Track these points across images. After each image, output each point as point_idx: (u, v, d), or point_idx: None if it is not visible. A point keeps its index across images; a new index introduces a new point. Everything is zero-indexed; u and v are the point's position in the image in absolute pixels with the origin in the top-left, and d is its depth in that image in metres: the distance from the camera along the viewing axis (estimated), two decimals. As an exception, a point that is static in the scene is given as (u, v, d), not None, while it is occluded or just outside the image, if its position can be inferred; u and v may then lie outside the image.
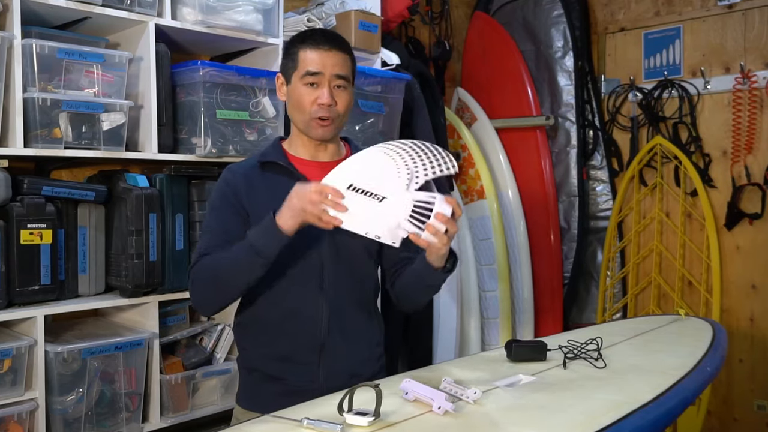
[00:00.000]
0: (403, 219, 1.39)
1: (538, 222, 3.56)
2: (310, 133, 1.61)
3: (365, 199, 1.41)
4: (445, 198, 1.39)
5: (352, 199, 1.41)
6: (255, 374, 1.64)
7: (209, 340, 2.38)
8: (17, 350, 1.87)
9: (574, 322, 3.65)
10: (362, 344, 1.66)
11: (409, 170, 1.41)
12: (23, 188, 1.94)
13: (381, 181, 1.41)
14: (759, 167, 3.19)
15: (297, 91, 1.59)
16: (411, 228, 1.39)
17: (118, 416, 2.06)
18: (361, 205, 1.41)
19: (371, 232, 1.41)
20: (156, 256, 2.11)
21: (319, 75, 1.56)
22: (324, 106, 1.57)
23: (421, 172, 1.41)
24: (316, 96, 1.57)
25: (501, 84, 3.66)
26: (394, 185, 1.41)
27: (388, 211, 1.40)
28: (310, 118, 1.58)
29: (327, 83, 1.57)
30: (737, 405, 3.31)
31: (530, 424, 1.28)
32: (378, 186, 1.41)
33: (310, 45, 1.58)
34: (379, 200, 1.40)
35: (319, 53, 1.57)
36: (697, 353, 1.78)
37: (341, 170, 1.46)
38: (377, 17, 2.71)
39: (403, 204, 1.39)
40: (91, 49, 2.03)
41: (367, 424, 1.22)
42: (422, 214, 1.39)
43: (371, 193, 1.41)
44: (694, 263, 3.41)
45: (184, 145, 2.23)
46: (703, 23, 3.38)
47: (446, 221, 1.38)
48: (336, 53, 1.58)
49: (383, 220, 1.40)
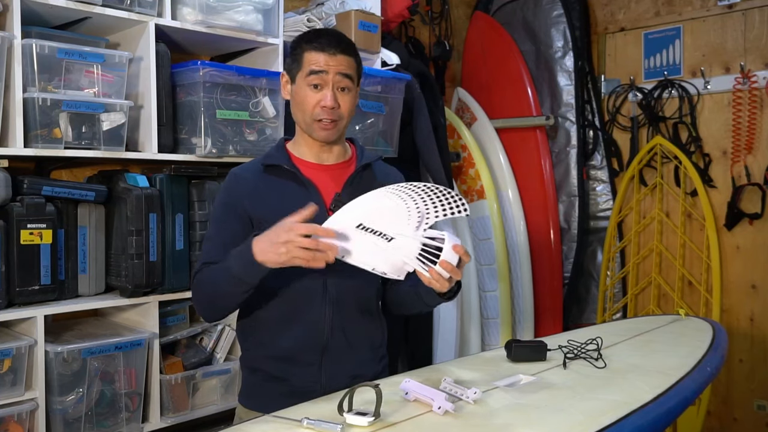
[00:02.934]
0: (411, 258, 1.41)
1: (538, 222, 3.56)
2: (313, 135, 1.60)
3: (374, 238, 1.42)
4: (454, 245, 1.39)
5: (360, 238, 1.42)
6: (257, 374, 1.64)
7: (209, 340, 2.38)
8: (17, 350, 1.87)
9: (574, 322, 3.65)
10: (365, 345, 1.66)
11: (420, 213, 1.42)
12: (23, 188, 1.94)
13: (391, 222, 1.42)
14: (759, 167, 3.20)
15: (301, 92, 1.58)
16: (418, 267, 1.41)
17: (118, 416, 2.06)
18: (369, 243, 1.42)
19: (378, 268, 1.44)
20: (156, 256, 2.11)
21: (323, 74, 1.55)
22: (327, 109, 1.56)
23: (432, 214, 1.42)
24: (320, 98, 1.56)
25: (501, 84, 3.66)
26: (404, 227, 1.42)
27: (396, 251, 1.41)
28: (312, 120, 1.58)
29: (331, 84, 1.56)
30: (737, 405, 3.31)
31: (530, 424, 1.28)
32: (388, 226, 1.42)
33: (316, 46, 1.57)
34: (388, 240, 1.42)
35: (324, 54, 1.56)
36: (697, 353, 1.78)
37: (352, 209, 1.45)
38: (377, 17, 2.71)
39: (411, 245, 1.41)
40: (91, 49, 2.03)
41: (367, 424, 1.22)
42: (430, 254, 1.40)
43: (380, 233, 1.42)
44: (694, 263, 3.41)
45: (184, 145, 2.23)
46: (703, 23, 3.38)
47: (451, 269, 1.39)
48: (342, 56, 1.57)
49: (391, 258, 1.42)
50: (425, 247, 1.40)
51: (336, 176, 1.63)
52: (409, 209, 1.42)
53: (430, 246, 1.40)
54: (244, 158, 2.27)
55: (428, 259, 1.40)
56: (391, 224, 1.42)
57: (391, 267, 1.43)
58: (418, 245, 1.40)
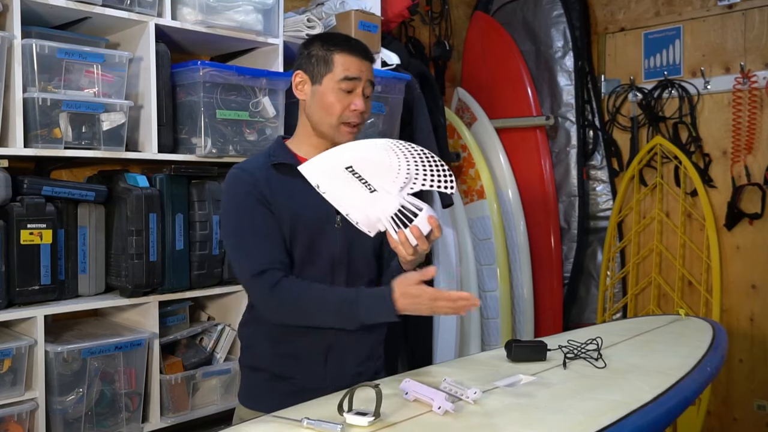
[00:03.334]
0: (385, 216, 1.42)
1: (538, 222, 3.56)
2: (337, 137, 1.60)
3: (358, 184, 1.43)
4: (429, 216, 1.41)
5: (345, 180, 1.44)
6: (261, 374, 1.64)
7: (209, 340, 2.38)
8: (17, 350, 1.87)
9: (574, 322, 3.65)
10: (367, 343, 1.66)
11: (408, 174, 1.43)
12: (23, 188, 1.94)
13: (378, 175, 1.43)
14: (759, 167, 3.19)
15: (329, 95, 1.59)
16: (389, 226, 1.43)
17: (118, 416, 2.06)
18: (351, 188, 1.44)
19: (352, 216, 1.45)
20: (156, 256, 2.11)
21: (356, 81, 1.58)
22: (357, 113, 1.59)
23: (420, 180, 1.43)
24: (350, 102, 1.58)
25: (501, 84, 3.66)
26: (389, 183, 1.43)
27: (374, 204, 1.43)
28: (339, 123, 1.59)
29: (362, 90, 1.59)
30: (737, 405, 3.31)
31: (530, 424, 1.28)
32: (374, 178, 1.43)
33: (348, 50, 1.59)
34: (371, 191, 1.43)
35: (356, 60, 1.59)
36: (697, 353, 1.78)
37: (345, 150, 1.47)
38: (377, 17, 2.71)
39: (390, 203, 1.42)
40: (91, 49, 2.03)
41: (367, 424, 1.22)
42: (404, 219, 1.42)
43: (365, 181, 1.43)
44: (694, 263, 3.41)
45: (184, 145, 2.23)
46: (703, 23, 3.38)
47: (419, 237, 1.41)
48: (368, 63, 1.62)
49: (367, 209, 1.44)
50: (402, 209, 1.42)
51: None
52: (399, 168, 1.43)
53: (407, 209, 1.42)
54: (244, 158, 2.27)
55: (402, 222, 1.42)
56: (378, 177, 1.43)
57: (364, 218, 1.45)
58: (397, 205, 1.42)
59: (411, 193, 1.43)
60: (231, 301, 2.42)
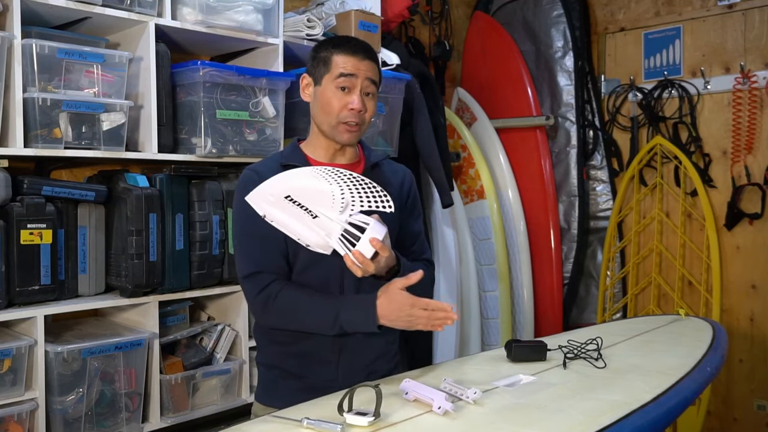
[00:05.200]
0: (332, 239, 1.46)
1: (538, 222, 3.56)
2: (336, 137, 1.61)
3: (299, 211, 1.47)
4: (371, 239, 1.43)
5: (287, 207, 1.47)
6: (275, 371, 1.65)
7: (209, 340, 2.38)
8: (17, 350, 1.87)
9: (574, 322, 3.65)
10: (380, 341, 1.66)
11: (344, 200, 1.46)
12: (23, 188, 1.94)
13: (316, 201, 1.46)
14: (759, 167, 3.20)
15: (327, 94, 1.59)
16: (338, 248, 1.46)
17: (118, 416, 2.06)
18: (295, 215, 1.47)
19: (303, 240, 1.49)
20: (156, 256, 2.11)
21: (353, 77, 1.58)
22: (354, 112, 1.58)
23: (357, 204, 1.46)
24: (348, 101, 1.58)
25: (501, 84, 3.66)
26: (327, 209, 1.46)
27: (319, 228, 1.46)
28: (338, 122, 1.59)
29: (359, 88, 1.58)
30: (737, 405, 3.31)
31: (530, 424, 1.28)
32: (313, 204, 1.46)
33: (345, 50, 1.60)
34: (313, 217, 1.46)
35: (354, 59, 1.59)
36: (697, 353, 1.78)
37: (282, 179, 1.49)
38: (377, 17, 2.71)
39: (333, 227, 1.45)
40: (91, 49, 2.03)
41: (367, 424, 1.22)
42: (353, 236, 1.45)
43: (306, 207, 1.47)
44: (694, 263, 3.41)
45: (184, 145, 2.23)
46: (703, 23, 3.38)
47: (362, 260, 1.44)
48: (369, 62, 1.61)
49: (314, 234, 1.47)
50: (348, 230, 1.45)
51: None
52: (333, 195, 1.46)
53: (352, 233, 1.44)
54: (244, 158, 2.27)
55: (350, 242, 1.44)
56: (316, 203, 1.46)
57: (315, 241, 1.49)
58: (339, 228, 1.45)
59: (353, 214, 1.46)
60: (231, 301, 2.42)
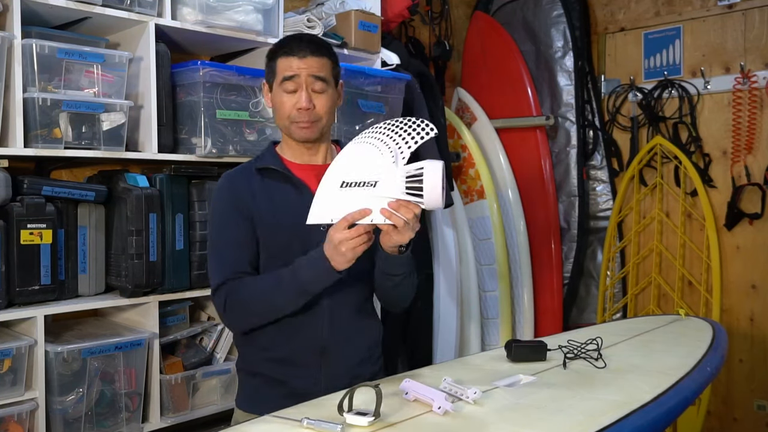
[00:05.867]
0: (401, 194, 1.40)
1: (538, 222, 3.55)
2: (293, 136, 1.63)
3: (360, 190, 1.43)
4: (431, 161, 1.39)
5: (348, 195, 1.43)
6: (256, 378, 1.64)
7: (209, 340, 2.38)
8: (17, 350, 1.87)
9: (574, 322, 3.65)
10: (362, 345, 1.66)
11: (391, 149, 1.42)
12: (23, 188, 1.94)
13: (368, 168, 1.43)
14: (759, 167, 3.19)
15: (277, 98, 1.61)
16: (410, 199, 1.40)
17: (118, 416, 2.06)
18: (357, 196, 1.43)
19: (375, 219, 1.42)
20: (156, 256, 2.11)
21: (295, 78, 1.58)
22: (302, 111, 1.58)
23: (404, 146, 1.42)
24: (294, 101, 1.58)
25: (501, 84, 3.66)
26: (381, 167, 1.42)
27: (384, 192, 1.41)
28: (290, 122, 1.60)
29: (304, 86, 1.58)
30: (737, 405, 3.31)
31: (530, 424, 1.28)
32: (367, 174, 1.43)
33: (286, 51, 1.60)
34: (373, 186, 1.42)
35: (295, 59, 1.58)
36: (697, 353, 1.78)
37: (329, 173, 1.48)
38: (377, 17, 2.71)
39: (395, 180, 1.41)
40: (91, 49, 2.03)
41: (367, 424, 1.22)
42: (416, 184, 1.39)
43: (363, 182, 1.43)
44: (694, 263, 3.41)
45: (184, 145, 2.23)
46: (703, 23, 3.38)
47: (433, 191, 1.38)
48: (312, 58, 1.59)
49: (382, 204, 1.41)
50: (409, 178, 1.40)
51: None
52: (379, 149, 1.43)
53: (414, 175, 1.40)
54: (244, 158, 2.27)
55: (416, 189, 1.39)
56: (370, 170, 1.43)
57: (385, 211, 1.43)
58: (402, 178, 1.40)
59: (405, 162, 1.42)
60: (231, 301, 2.41)
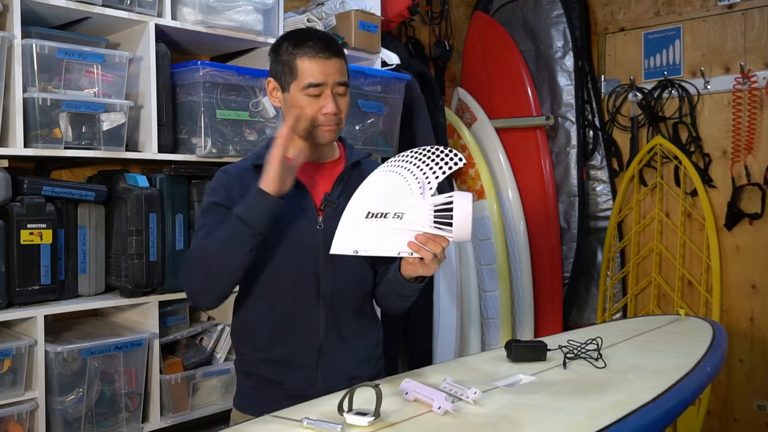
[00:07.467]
0: (428, 227, 1.38)
1: (538, 222, 3.55)
2: (317, 139, 1.58)
3: (386, 222, 1.40)
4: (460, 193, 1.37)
5: (374, 226, 1.40)
6: (253, 378, 1.64)
7: (209, 340, 2.38)
8: (17, 350, 1.87)
9: (574, 322, 3.65)
10: (360, 347, 1.65)
11: (418, 179, 1.39)
12: (23, 188, 1.94)
13: (395, 199, 1.40)
14: (759, 167, 3.19)
15: (298, 101, 1.55)
16: (438, 232, 1.38)
17: (118, 416, 2.06)
18: (384, 228, 1.40)
19: (403, 251, 1.40)
20: (156, 256, 2.11)
21: (322, 86, 1.54)
22: (329, 116, 1.55)
23: (431, 176, 1.39)
24: (320, 105, 1.54)
25: (501, 84, 3.66)
26: (408, 198, 1.39)
27: (411, 225, 1.39)
28: (314, 126, 1.56)
29: (330, 93, 1.54)
30: (737, 405, 3.31)
31: (530, 424, 1.28)
32: (394, 204, 1.40)
33: (308, 54, 1.54)
34: (400, 218, 1.39)
35: (319, 63, 1.53)
36: (697, 353, 1.78)
37: (354, 203, 1.44)
38: (377, 17, 2.71)
39: (423, 212, 1.38)
40: (91, 49, 2.03)
41: (367, 424, 1.22)
42: (445, 217, 1.37)
43: (390, 213, 1.40)
44: (694, 263, 3.41)
45: (184, 145, 2.23)
46: (703, 23, 3.38)
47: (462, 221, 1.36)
48: (335, 60, 1.55)
49: (410, 235, 1.39)
50: (438, 210, 1.37)
51: (326, 175, 1.64)
52: (407, 180, 1.40)
53: (442, 207, 1.37)
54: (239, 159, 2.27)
55: (444, 222, 1.36)
56: (397, 201, 1.40)
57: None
58: (430, 210, 1.37)
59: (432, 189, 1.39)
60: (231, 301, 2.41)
